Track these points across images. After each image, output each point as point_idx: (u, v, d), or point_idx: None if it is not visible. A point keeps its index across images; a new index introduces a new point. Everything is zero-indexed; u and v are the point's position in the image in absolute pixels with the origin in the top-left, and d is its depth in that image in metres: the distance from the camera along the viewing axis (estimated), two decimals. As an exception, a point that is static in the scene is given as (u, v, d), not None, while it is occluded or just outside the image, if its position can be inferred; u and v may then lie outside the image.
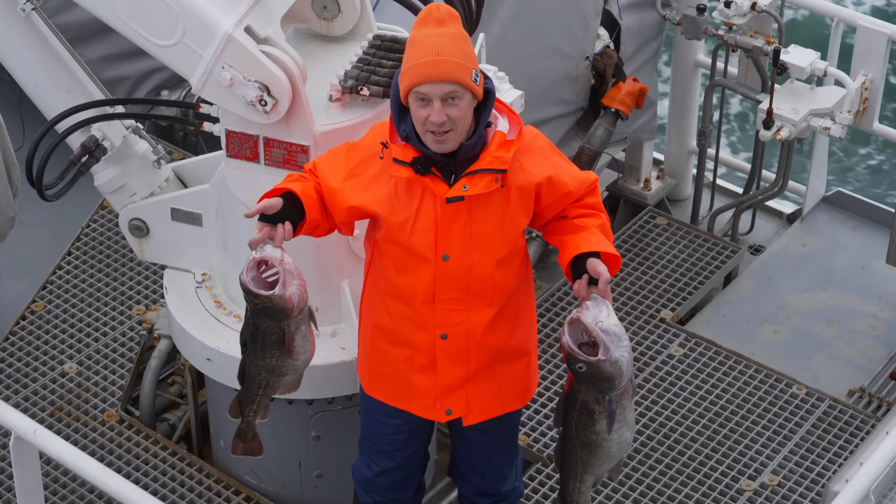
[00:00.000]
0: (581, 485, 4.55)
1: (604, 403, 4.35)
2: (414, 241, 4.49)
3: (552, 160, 4.54)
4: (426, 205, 4.47)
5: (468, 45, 4.36)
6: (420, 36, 4.34)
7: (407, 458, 4.97)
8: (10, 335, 6.38)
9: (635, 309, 6.64)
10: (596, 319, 4.28)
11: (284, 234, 4.39)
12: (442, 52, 4.29)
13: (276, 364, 4.47)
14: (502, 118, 4.47)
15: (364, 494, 5.08)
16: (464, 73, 4.30)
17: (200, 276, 5.48)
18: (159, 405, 6.13)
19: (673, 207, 7.59)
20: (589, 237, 4.48)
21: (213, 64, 4.74)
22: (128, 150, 5.41)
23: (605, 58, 6.71)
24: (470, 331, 4.60)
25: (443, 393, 4.71)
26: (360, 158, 4.52)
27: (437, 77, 4.29)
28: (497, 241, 4.52)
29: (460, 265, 4.52)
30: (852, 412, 6.11)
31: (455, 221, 4.47)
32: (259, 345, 4.44)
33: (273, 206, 4.40)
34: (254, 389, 4.55)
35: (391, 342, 4.70)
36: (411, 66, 4.32)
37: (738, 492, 5.75)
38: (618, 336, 4.29)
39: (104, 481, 4.48)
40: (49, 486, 5.65)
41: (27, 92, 5.28)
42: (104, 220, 6.98)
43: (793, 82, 6.62)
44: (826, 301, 6.88)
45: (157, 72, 7.56)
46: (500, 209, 4.49)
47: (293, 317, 4.38)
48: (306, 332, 4.46)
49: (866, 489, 4.26)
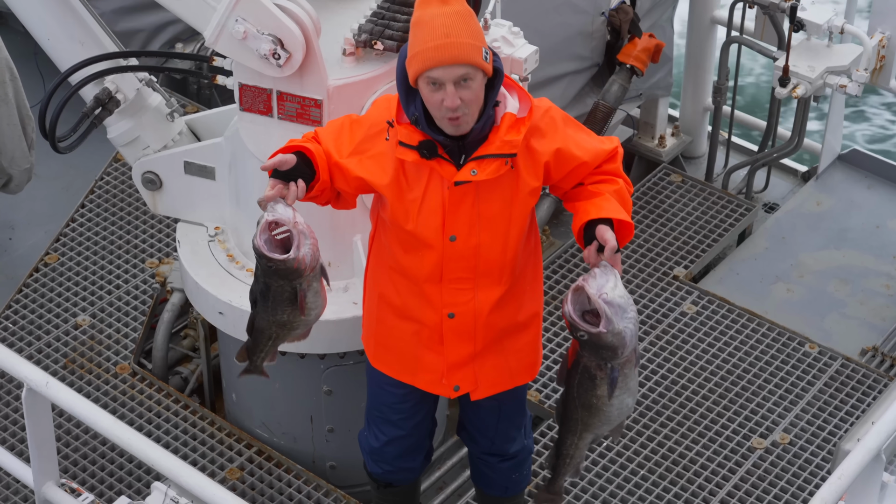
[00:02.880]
0: (579, 441, 4.53)
1: (605, 370, 4.31)
2: (421, 223, 4.42)
3: (564, 133, 4.42)
4: (433, 186, 4.39)
5: (475, 23, 4.23)
6: (425, 16, 4.20)
7: (415, 426, 4.96)
8: (24, 287, 6.39)
9: (648, 266, 6.63)
10: (600, 290, 4.20)
11: (298, 192, 4.29)
12: (451, 33, 4.16)
13: (287, 320, 4.44)
14: (511, 97, 4.35)
15: (373, 464, 5.07)
16: (475, 53, 4.19)
17: (213, 230, 5.47)
18: (172, 358, 6.14)
19: (687, 165, 7.57)
20: (601, 203, 4.37)
21: (226, 17, 4.72)
22: (141, 102, 5.40)
23: (621, 13, 6.67)
24: (477, 309, 4.55)
25: (450, 369, 4.69)
26: (364, 135, 4.42)
27: (449, 60, 4.17)
28: (505, 221, 4.45)
29: (468, 245, 4.46)
30: (865, 371, 6.10)
31: (462, 203, 4.40)
32: (270, 302, 4.40)
33: (287, 161, 4.28)
34: (263, 341, 4.52)
35: (398, 316, 4.66)
36: (421, 51, 4.19)
37: (750, 449, 5.75)
38: (622, 307, 4.21)
39: (116, 434, 4.49)
40: (61, 437, 5.67)
41: (41, 44, 5.27)
42: (117, 172, 6.97)
43: (809, 39, 6.58)
44: (840, 260, 6.87)
45: (170, 24, 7.55)
46: (509, 190, 4.40)
47: (305, 276, 4.34)
48: (318, 289, 4.42)
49: (878, 448, 4.25)
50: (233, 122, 5.25)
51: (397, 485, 5.14)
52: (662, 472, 5.67)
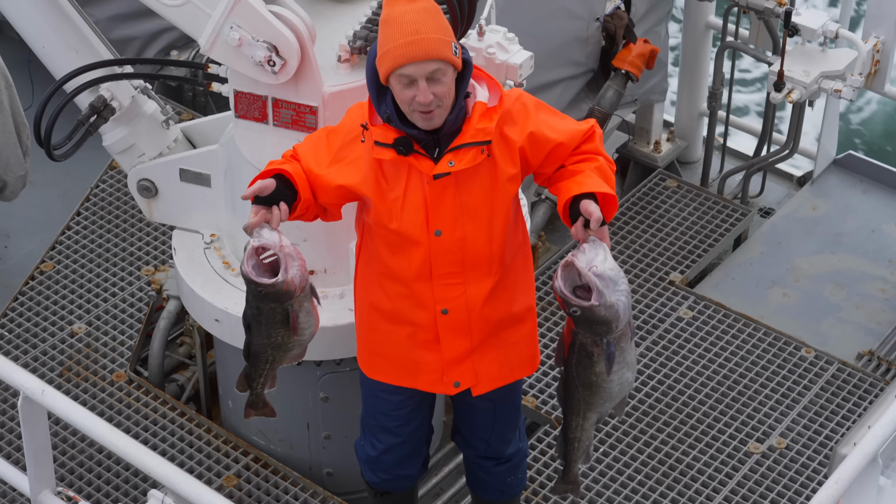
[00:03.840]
0: (584, 422, 4.54)
1: (602, 346, 4.33)
2: (405, 220, 4.45)
3: (536, 118, 4.45)
4: (413, 182, 4.42)
5: (443, 18, 4.28)
6: (393, 14, 4.24)
7: (412, 433, 4.96)
8: (20, 295, 6.39)
9: (644, 271, 6.63)
10: (590, 263, 4.21)
11: (281, 215, 4.36)
12: (420, 29, 4.21)
13: (281, 342, 4.51)
14: (481, 87, 4.40)
15: (370, 473, 5.07)
16: (445, 48, 4.24)
17: (209, 237, 5.48)
18: (168, 366, 6.14)
19: (683, 170, 7.58)
20: (582, 179, 4.39)
21: (221, 24, 4.73)
22: (136, 110, 5.40)
23: (616, 19, 6.68)
24: (470, 303, 4.56)
25: (448, 366, 4.69)
26: (341, 143, 4.46)
27: (420, 56, 4.21)
28: (488, 210, 4.47)
29: (453, 238, 4.48)
30: (861, 375, 6.10)
31: (444, 196, 4.43)
32: (264, 326, 4.47)
33: (267, 186, 4.35)
34: (260, 365, 4.59)
35: (390, 321, 4.67)
36: (392, 48, 4.23)
37: (746, 454, 5.75)
38: (613, 280, 4.22)
39: (112, 441, 4.48)
40: (58, 445, 5.67)
41: (36, 52, 5.27)
42: (113, 180, 6.97)
43: (804, 44, 6.59)
44: (836, 264, 6.87)
45: (165, 32, 7.55)
46: (488, 179, 4.43)
47: (296, 297, 4.40)
48: (309, 308, 4.49)
49: (874, 452, 4.25)
50: (228, 129, 5.25)
51: (395, 492, 5.14)
52: (659, 476, 5.67)
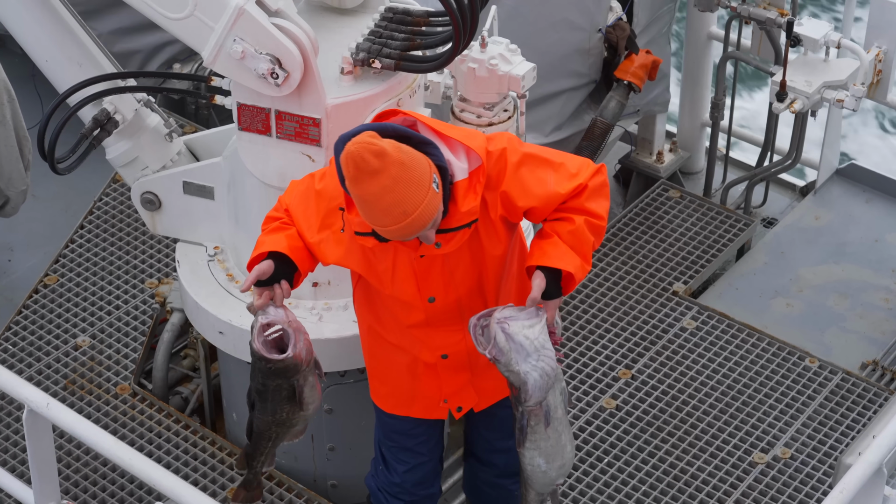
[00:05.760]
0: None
1: (518, 411, 4.36)
2: (397, 289, 4.45)
3: (512, 178, 4.28)
4: (401, 256, 4.39)
5: (419, 170, 4.06)
6: (368, 196, 4.04)
7: (431, 449, 4.95)
8: (24, 309, 6.39)
9: (648, 282, 6.63)
10: (506, 318, 4.20)
11: (283, 293, 4.38)
12: (408, 209, 4.04)
13: (286, 418, 4.54)
14: (457, 159, 4.23)
15: (392, 499, 5.00)
16: (433, 209, 4.11)
17: (213, 250, 5.48)
18: (172, 378, 6.13)
19: (686, 180, 7.58)
20: (547, 248, 4.29)
21: (224, 37, 4.73)
22: (139, 123, 5.40)
23: (618, 30, 6.68)
24: (471, 347, 4.46)
25: (448, 396, 4.73)
26: (326, 209, 4.40)
27: (415, 232, 4.13)
28: (478, 273, 4.46)
29: (447, 303, 4.48)
30: (865, 385, 6.10)
31: (432, 269, 4.41)
32: (269, 403, 4.49)
33: (265, 272, 4.35)
34: (263, 443, 4.62)
35: (391, 348, 4.68)
36: (380, 228, 4.11)
37: (751, 464, 5.75)
38: (523, 348, 4.20)
39: (117, 454, 4.48)
40: (62, 458, 5.67)
41: (39, 65, 5.27)
42: (116, 193, 6.98)
43: (806, 54, 6.59)
44: (839, 274, 6.87)
45: (168, 45, 7.55)
46: (476, 245, 4.39)
47: (302, 371, 4.44)
48: (314, 382, 4.52)
49: (879, 462, 4.25)
50: (231, 141, 5.25)
51: None
52: (664, 487, 5.66)
